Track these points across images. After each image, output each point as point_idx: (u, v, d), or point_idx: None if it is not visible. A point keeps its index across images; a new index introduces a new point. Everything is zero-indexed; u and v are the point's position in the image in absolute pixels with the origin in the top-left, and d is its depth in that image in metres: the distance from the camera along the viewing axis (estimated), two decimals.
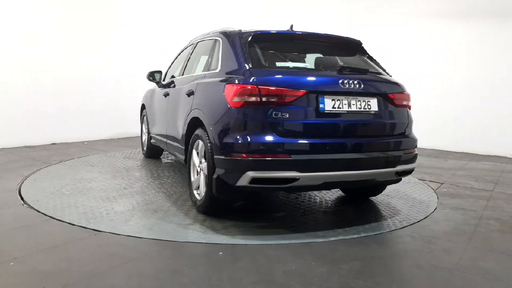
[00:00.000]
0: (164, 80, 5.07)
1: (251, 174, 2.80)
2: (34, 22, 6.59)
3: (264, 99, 2.85)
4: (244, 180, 2.83)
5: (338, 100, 3.01)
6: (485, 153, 7.70)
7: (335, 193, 4.27)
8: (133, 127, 8.12)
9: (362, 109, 3.10)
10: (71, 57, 7.15)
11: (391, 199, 4.11)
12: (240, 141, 2.85)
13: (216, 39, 3.73)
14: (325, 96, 2.97)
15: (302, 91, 2.91)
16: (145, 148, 6.01)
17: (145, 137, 5.98)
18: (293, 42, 3.62)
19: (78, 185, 4.31)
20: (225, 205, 3.39)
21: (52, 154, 5.89)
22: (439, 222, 3.47)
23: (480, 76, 7.81)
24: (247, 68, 3.06)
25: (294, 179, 2.84)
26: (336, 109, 3.00)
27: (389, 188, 4.57)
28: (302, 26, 4.57)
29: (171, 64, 5.24)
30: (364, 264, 2.57)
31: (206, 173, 3.23)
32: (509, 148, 7.55)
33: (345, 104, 3.03)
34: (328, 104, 2.98)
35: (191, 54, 4.52)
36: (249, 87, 2.87)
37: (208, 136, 3.17)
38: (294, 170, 2.82)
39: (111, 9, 7.93)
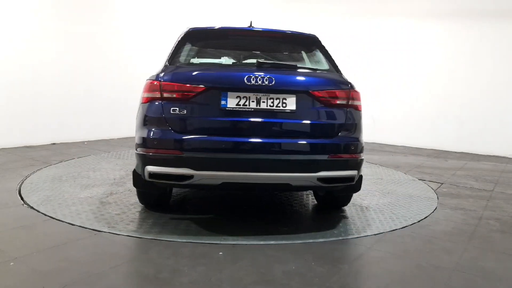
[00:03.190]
0: None
1: (149, 168, 2.82)
2: (34, 22, 6.58)
3: (165, 95, 2.87)
4: (146, 174, 2.85)
5: (244, 97, 2.84)
6: (485, 153, 7.71)
7: None
8: (133, 127, 8.09)
9: (274, 107, 2.87)
10: (71, 57, 7.15)
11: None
12: (141, 136, 2.92)
13: None
14: (228, 93, 2.84)
15: (201, 87, 2.84)
16: None
17: None
18: (231, 39, 3.56)
19: (82, 173, 4.66)
20: (160, 199, 3.48)
21: (52, 154, 5.88)
22: (439, 222, 3.47)
23: (480, 76, 7.81)
24: (164, 64, 3.16)
25: (188, 177, 2.77)
26: (241, 106, 2.83)
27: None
28: (303, 26, 4.55)
29: None
30: (364, 264, 2.57)
31: None
32: (509, 148, 7.56)
33: (253, 101, 2.84)
34: (231, 101, 2.84)
35: None
36: (153, 83, 2.92)
37: None
38: (187, 167, 2.74)
39: (112, 8, 7.92)
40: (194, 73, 3.00)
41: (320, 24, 9.13)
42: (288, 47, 3.63)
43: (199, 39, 3.47)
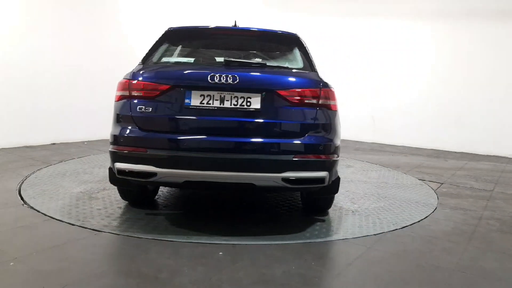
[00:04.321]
0: None
1: (117, 165, 2.88)
2: (34, 21, 6.58)
3: (133, 93, 2.93)
4: (115, 171, 2.91)
5: (208, 95, 2.83)
6: (485, 153, 7.71)
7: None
8: None
9: (238, 106, 2.82)
10: (71, 56, 7.14)
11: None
12: (113, 133, 3.00)
13: None
14: (192, 91, 2.84)
15: (166, 86, 2.86)
16: None
17: None
18: (209, 38, 3.58)
19: (87, 170, 4.80)
20: (142, 196, 3.55)
21: (52, 154, 5.88)
22: (439, 222, 3.47)
23: (480, 76, 7.82)
24: (138, 64, 3.23)
25: (152, 174, 2.78)
26: (205, 105, 2.82)
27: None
28: (303, 26, 4.55)
29: None
30: (364, 264, 2.57)
31: None
32: (509, 148, 7.56)
33: (217, 100, 2.82)
34: (195, 99, 2.83)
35: None
36: (123, 82, 3.01)
37: None
38: (151, 165, 2.77)
39: (112, 8, 7.92)
40: (160, 71, 3.07)
41: (320, 24, 9.14)
42: (267, 45, 3.60)
43: (177, 38, 3.50)
